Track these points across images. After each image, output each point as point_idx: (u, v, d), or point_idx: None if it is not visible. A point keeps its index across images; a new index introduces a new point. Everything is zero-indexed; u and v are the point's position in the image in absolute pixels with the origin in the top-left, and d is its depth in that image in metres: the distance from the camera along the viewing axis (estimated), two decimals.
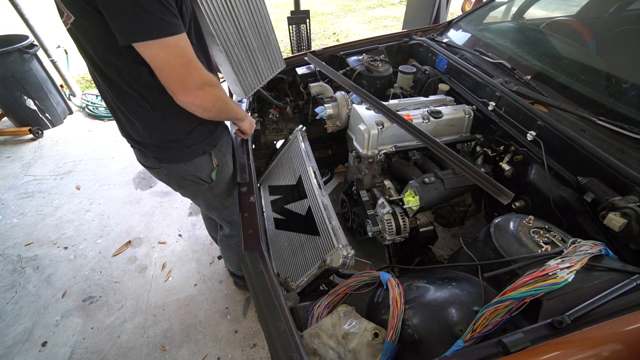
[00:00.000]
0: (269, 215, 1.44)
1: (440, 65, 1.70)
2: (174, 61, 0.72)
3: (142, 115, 0.89)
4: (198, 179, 1.08)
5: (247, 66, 1.13)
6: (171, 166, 1.02)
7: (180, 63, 0.73)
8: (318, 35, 5.45)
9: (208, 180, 1.11)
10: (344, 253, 0.98)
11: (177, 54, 0.72)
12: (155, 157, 1.00)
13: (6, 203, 2.35)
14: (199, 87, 0.78)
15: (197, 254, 2.00)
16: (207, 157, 1.06)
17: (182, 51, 0.72)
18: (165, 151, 0.98)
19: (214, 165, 1.10)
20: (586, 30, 1.40)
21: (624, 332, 0.62)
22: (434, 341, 0.70)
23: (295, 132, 1.47)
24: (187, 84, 0.76)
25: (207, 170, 1.09)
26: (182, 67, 0.74)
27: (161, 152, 0.98)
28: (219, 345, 1.59)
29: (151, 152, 0.99)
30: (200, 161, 1.05)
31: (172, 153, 0.99)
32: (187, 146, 0.99)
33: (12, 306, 1.74)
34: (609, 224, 0.87)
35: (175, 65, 0.73)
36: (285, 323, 0.74)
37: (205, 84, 0.80)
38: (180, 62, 0.73)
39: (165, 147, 0.97)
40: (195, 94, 0.78)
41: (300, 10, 3.39)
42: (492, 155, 1.35)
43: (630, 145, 1.01)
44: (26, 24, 2.86)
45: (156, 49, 0.69)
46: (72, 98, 3.52)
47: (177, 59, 0.72)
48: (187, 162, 1.02)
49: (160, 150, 0.98)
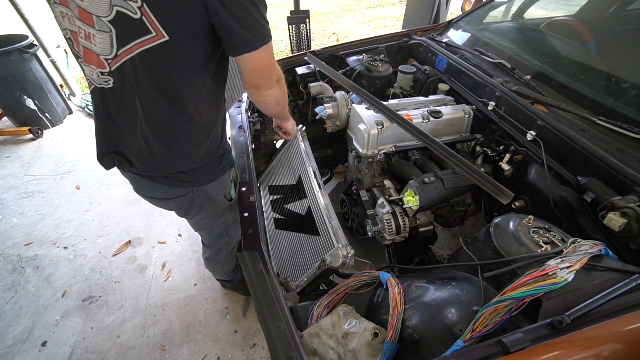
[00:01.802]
0: (269, 215, 1.44)
1: (440, 65, 1.70)
2: (272, 61, 0.81)
3: (191, 137, 0.86)
4: (223, 198, 1.07)
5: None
6: (201, 189, 1.00)
7: (273, 62, 0.83)
8: (318, 35, 5.45)
9: (229, 198, 1.10)
10: (344, 253, 0.98)
11: (272, 54, 0.81)
12: (189, 182, 0.96)
13: (6, 203, 2.35)
14: (279, 81, 0.89)
15: (197, 254, 2.00)
16: (230, 173, 1.06)
17: (272, 51, 0.81)
18: (203, 172, 0.96)
19: (232, 179, 1.09)
20: (586, 30, 1.40)
21: (624, 332, 0.62)
22: (434, 341, 0.70)
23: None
24: (273, 79, 0.85)
25: (229, 186, 1.08)
26: (273, 66, 0.84)
27: (198, 174, 0.95)
28: (219, 345, 1.59)
29: (185, 177, 0.95)
30: (226, 177, 1.04)
31: (205, 173, 0.96)
32: (220, 162, 0.99)
33: (12, 306, 1.74)
34: (609, 224, 0.87)
35: (272, 64, 0.82)
36: (285, 323, 0.74)
37: (281, 78, 0.90)
38: (273, 61, 0.82)
39: (197, 169, 0.94)
40: (276, 87, 0.88)
41: (300, 10, 3.38)
42: (492, 155, 1.35)
43: (630, 145, 1.01)
44: (26, 24, 2.86)
45: (264, 53, 0.76)
46: (72, 98, 3.52)
47: (273, 58, 0.82)
48: (217, 180, 1.01)
49: (198, 172, 0.95)
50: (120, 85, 0.76)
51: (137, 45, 0.69)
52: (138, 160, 0.89)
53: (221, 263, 1.45)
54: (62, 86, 3.43)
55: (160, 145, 0.85)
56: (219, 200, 1.07)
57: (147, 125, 0.81)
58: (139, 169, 0.92)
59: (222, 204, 1.09)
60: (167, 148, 0.85)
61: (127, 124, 0.84)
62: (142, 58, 0.70)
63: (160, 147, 0.85)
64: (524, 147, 1.23)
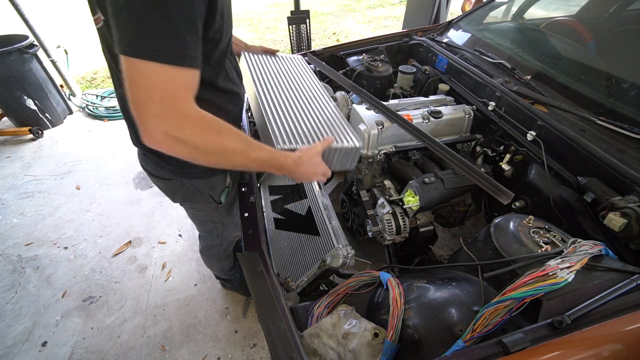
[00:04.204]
0: (269, 215, 1.44)
1: (440, 65, 1.70)
2: (155, 85, 0.57)
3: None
4: (209, 197, 1.06)
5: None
6: (186, 180, 0.99)
7: (160, 89, 0.57)
8: (318, 35, 5.45)
9: (218, 200, 1.08)
10: (344, 253, 0.98)
11: (160, 77, 0.56)
12: (172, 169, 0.95)
13: (6, 203, 2.35)
14: (187, 117, 0.61)
15: (197, 254, 1.99)
16: (222, 177, 1.04)
17: (167, 75, 0.57)
18: (185, 166, 0.91)
19: (226, 185, 1.08)
20: (586, 30, 1.40)
21: (624, 332, 0.62)
22: (434, 341, 0.70)
23: None
24: (149, 108, 0.58)
25: (219, 189, 1.06)
26: (154, 91, 0.58)
27: (181, 167, 0.94)
28: (219, 345, 1.59)
29: (168, 164, 0.94)
30: (216, 180, 1.02)
31: (192, 169, 0.94)
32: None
33: (12, 306, 1.74)
34: (609, 224, 0.87)
35: (154, 90, 0.57)
36: (285, 323, 0.74)
37: (192, 115, 0.61)
38: (163, 87, 0.57)
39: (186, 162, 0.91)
40: (162, 121, 0.59)
41: (300, 10, 3.38)
42: (492, 155, 1.35)
43: (630, 145, 1.01)
44: (26, 24, 2.86)
45: (135, 67, 0.56)
46: (72, 98, 3.52)
47: (160, 83, 0.57)
48: (204, 179, 0.99)
49: (180, 164, 0.89)
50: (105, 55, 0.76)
51: (96, 19, 0.67)
52: (132, 125, 0.87)
53: (214, 259, 1.45)
54: (62, 86, 3.43)
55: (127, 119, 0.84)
56: (205, 198, 1.06)
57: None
58: (133, 136, 0.91)
59: (208, 201, 1.08)
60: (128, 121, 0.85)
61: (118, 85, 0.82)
62: (101, 32, 0.70)
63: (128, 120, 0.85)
64: (524, 147, 1.23)
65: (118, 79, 0.76)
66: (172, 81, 0.56)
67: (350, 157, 0.92)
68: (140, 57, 0.54)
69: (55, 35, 3.43)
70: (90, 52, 4.80)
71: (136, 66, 0.54)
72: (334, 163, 0.91)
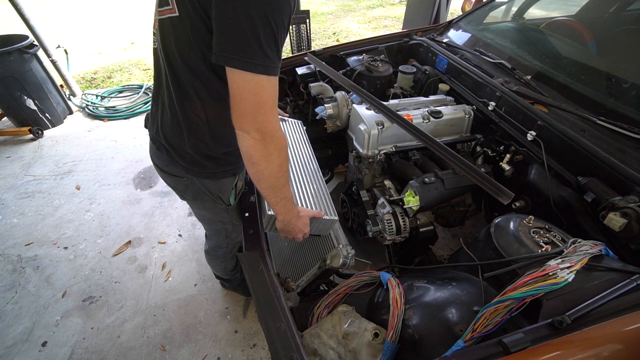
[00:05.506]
0: None
1: (440, 65, 1.70)
2: (255, 97, 0.68)
3: (194, 124, 0.86)
4: (217, 198, 1.07)
5: None
6: (196, 179, 1.00)
7: (258, 101, 0.68)
8: (318, 35, 5.45)
9: (227, 202, 1.09)
10: (344, 253, 0.98)
11: (260, 90, 0.68)
12: (185, 167, 0.96)
13: (6, 203, 2.35)
14: (270, 137, 0.72)
15: (197, 254, 2.00)
16: (232, 179, 1.05)
17: (265, 89, 0.68)
18: (198, 164, 0.96)
19: (237, 187, 1.09)
20: (586, 30, 1.40)
21: (624, 332, 0.62)
22: (434, 341, 0.70)
23: None
24: (251, 118, 0.70)
25: (228, 191, 1.07)
26: (258, 106, 0.69)
27: (194, 164, 0.96)
28: (219, 345, 1.59)
29: (182, 160, 0.95)
30: (226, 182, 1.04)
31: (204, 168, 0.97)
32: (221, 165, 0.98)
33: (12, 306, 1.74)
34: (609, 224, 0.87)
35: (255, 101, 0.68)
36: (285, 323, 0.74)
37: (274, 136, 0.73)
38: (259, 100, 0.68)
39: (199, 161, 0.94)
40: (258, 136, 0.72)
41: (300, 10, 3.38)
42: (492, 155, 1.35)
43: (630, 145, 1.01)
44: (26, 24, 2.86)
45: (242, 79, 0.66)
46: (72, 98, 3.52)
47: (258, 96, 0.68)
48: (215, 180, 1.01)
49: (194, 162, 0.95)
50: (158, 46, 0.84)
51: (163, 11, 0.76)
52: (153, 118, 0.98)
53: (219, 259, 1.46)
54: (62, 86, 3.44)
55: (168, 112, 0.90)
56: (214, 198, 1.07)
57: (167, 88, 0.86)
58: (152, 130, 1.00)
59: (217, 202, 1.09)
60: (171, 118, 0.89)
61: (157, 78, 0.91)
62: (163, 25, 0.78)
63: (169, 114, 0.89)
64: (524, 147, 1.23)
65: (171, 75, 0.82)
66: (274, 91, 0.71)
67: (327, 226, 1.09)
68: (258, 73, 0.65)
69: (55, 35, 3.42)
70: (90, 52, 4.80)
71: (253, 80, 0.66)
72: (314, 229, 1.05)
